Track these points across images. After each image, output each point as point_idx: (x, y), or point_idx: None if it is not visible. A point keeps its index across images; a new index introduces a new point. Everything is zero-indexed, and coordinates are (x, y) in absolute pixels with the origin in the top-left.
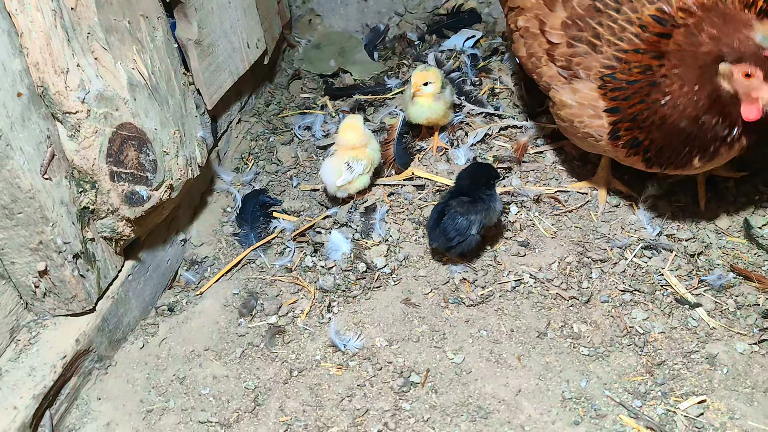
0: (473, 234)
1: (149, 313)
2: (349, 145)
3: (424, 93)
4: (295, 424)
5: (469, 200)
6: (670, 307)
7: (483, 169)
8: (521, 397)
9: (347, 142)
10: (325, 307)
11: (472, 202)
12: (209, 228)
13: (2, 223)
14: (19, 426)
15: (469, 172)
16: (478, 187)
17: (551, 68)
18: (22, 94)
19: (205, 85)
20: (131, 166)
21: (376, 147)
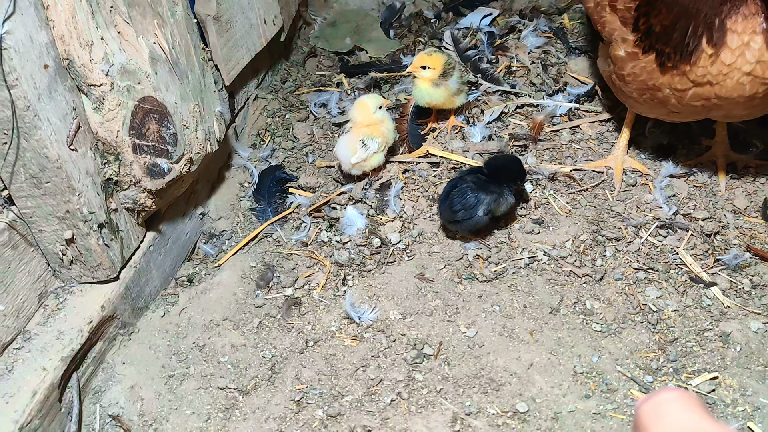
0: (480, 215)
1: (169, 284)
2: (355, 122)
3: (422, 76)
4: (311, 392)
5: (483, 179)
6: (684, 285)
7: (513, 165)
8: (533, 371)
9: (354, 119)
10: (341, 280)
11: (486, 183)
12: (227, 202)
13: (31, 192)
14: (48, 386)
15: (500, 162)
16: (502, 179)
17: (614, 19)
18: (49, 66)
19: (223, 61)
20: (153, 139)
21: (390, 126)
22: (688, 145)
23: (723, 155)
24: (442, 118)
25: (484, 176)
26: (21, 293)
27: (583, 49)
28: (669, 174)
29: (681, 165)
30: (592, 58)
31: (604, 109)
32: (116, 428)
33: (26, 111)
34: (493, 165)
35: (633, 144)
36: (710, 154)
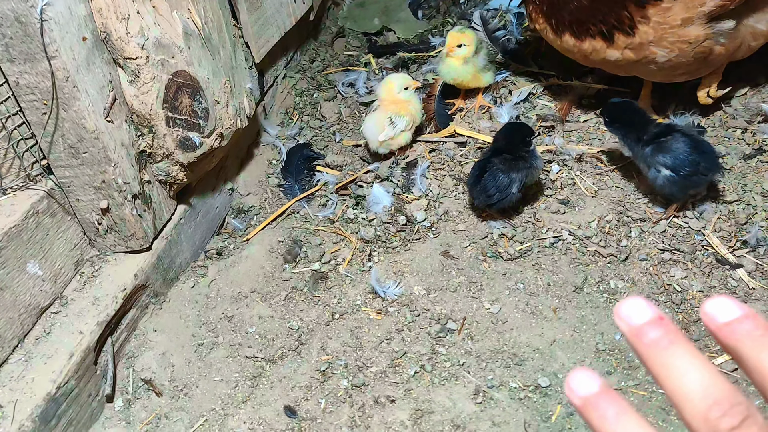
0: (513, 192)
1: (199, 257)
2: (381, 100)
3: (457, 55)
4: (336, 363)
5: (511, 158)
6: (710, 267)
7: (517, 128)
8: (555, 347)
9: (379, 97)
10: (366, 256)
11: (514, 160)
12: (255, 179)
13: (69, 162)
14: (85, 349)
15: (504, 132)
16: (516, 146)
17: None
18: (87, 38)
19: (254, 39)
20: (185, 112)
21: (418, 106)
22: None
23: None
24: (469, 98)
25: (505, 154)
26: (59, 260)
27: None
28: None
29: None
30: None
31: (634, 90)
32: (148, 392)
33: (65, 82)
34: (503, 135)
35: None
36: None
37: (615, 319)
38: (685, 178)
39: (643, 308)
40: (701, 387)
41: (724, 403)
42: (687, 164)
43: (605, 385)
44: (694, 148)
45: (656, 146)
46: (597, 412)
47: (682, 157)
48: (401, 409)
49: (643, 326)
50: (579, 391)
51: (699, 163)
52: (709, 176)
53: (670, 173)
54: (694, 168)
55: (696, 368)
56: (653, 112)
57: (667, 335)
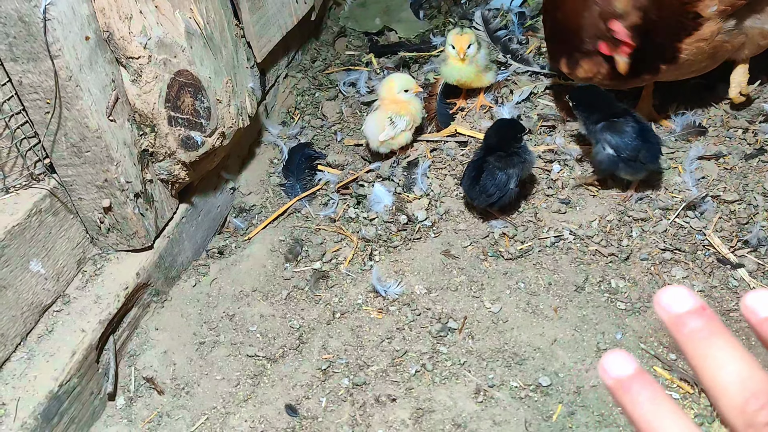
0: (512, 188)
1: (200, 255)
2: (382, 99)
3: (470, 55)
4: (337, 361)
5: (505, 155)
6: (711, 266)
7: (508, 124)
8: (556, 347)
9: (380, 96)
10: (367, 255)
11: (509, 157)
12: (257, 178)
13: (72, 161)
14: (87, 347)
15: (495, 129)
16: (508, 142)
17: None
18: (90, 38)
19: (255, 38)
20: (187, 112)
21: (419, 107)
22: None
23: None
24: (470, 98)
25: (498, 151)
26: (61, 258)
27: None
28: (699, 156)
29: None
30: None
31: (634, 90)
32: (150, 390)
33: (68, 81)
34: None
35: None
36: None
37: (655, 307)
38: (625, 162)
39: (685, 297)
40: (739, 379)
41: (761, 397)
42: (629, 148)
43: (640, 368)
44: (640, 136)
45: (607, 124)
46: (630, 396)
47: (626, 141)
48: (402, 408)
49: (684, 315)
50: (612, 371)
51: (640, 151)
52: (648, 166)
53: (612, 152)
54: (635, 153)
55: (735, 360)
56: (654, 112)
57: (708, 326)
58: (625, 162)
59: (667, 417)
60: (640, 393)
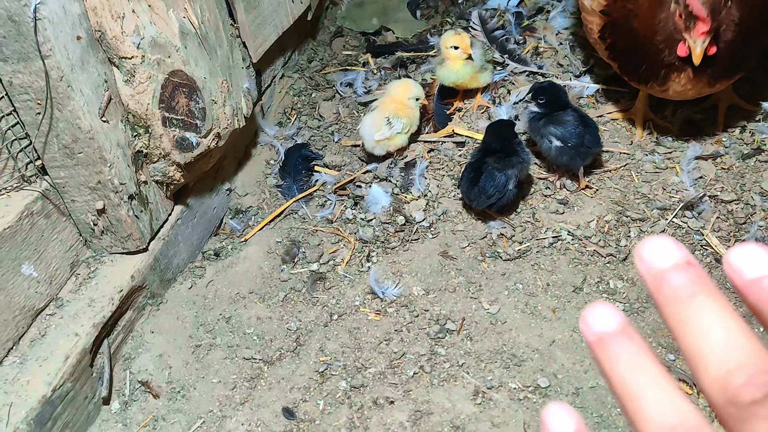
0: (511, 189)
1: (196, 257)
2: (389, 95)
3: (460, 56)
4: (335, 363)
5: (505, 156)
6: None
7: (505, 125)
8: (555, 348)
9: (389, 92)
10: (365, 256)
11: (508, 157)
12: (253, 179)
13: (64, 162)
14: (80, 351)
15: (493, 130)
16: (507, 143)
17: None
18: (82, 37)
19: (251, 38)
20: (182, 112)
21: (417, 114)
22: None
23: (725, 99)
24: (468, 98)
25: (497, 151)
26: (54, 261)
27: None
28: (696, 156)
29: (707, 144)
30: None
31: (632, 90)
32: (145, 394)
33: (60, 81)
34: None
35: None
36: (714, 98)
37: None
38: (573, 149)
39: (671, 249)
40: (725, 348)
41: (748, 369)
42: (575, 136)
43: (627, 324)
44: (581, 122)
45: (548, 119)
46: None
47: (570, 129)
48: (400, 410)
49: (666, 271)
50: (594, 326)
51: (584, 136)
52: (593, 149)
53: (559, 144)
54: (580, 140)
55: (722, 325)
56: (649, 111)
57: (693, 283)
58: (573, 149)
59: (647, 380)
60: (621, 351)
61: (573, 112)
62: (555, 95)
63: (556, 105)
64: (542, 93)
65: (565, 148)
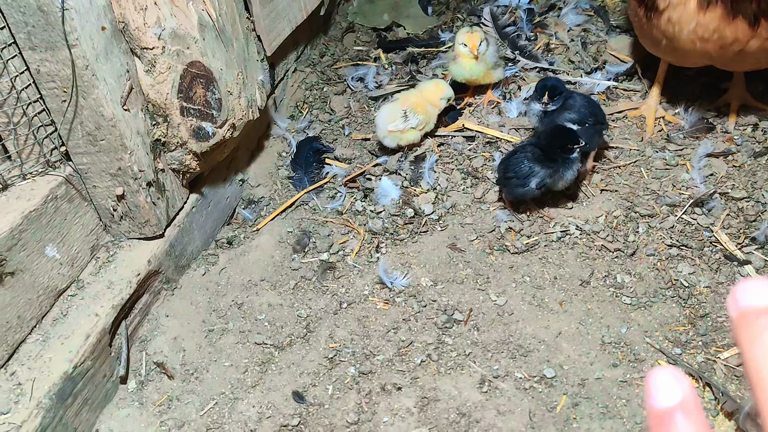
0: (532, 187)
1: (210, 245)
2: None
3: (481, 53)
4: (344, 350)
5: (541, 153)
6: (718, 263)
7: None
8: (561, 339)
9: (422, 88)
10: (374, 247)
11: (543, 156)
12: (265, 170)
13: (87, 149)
14: (100, 330)
15: (550, 131)
16: (554, 147)
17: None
18: (106, 28)
19: (266, 32)
20: (199, 102)
21: (435, 117)
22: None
23: (737, 98)
24: (478, 93)
25: (542, 149)
26: (75, 244)
27: (624, 28)
28: (707, 153)
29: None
30: (633, 36)
31: (644, 87)
32: (160, 375)
33: (85, 70)
34: (546, 134)
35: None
36: (726, 97)
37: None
38: (592, 128)
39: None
40: None
41: None
42: (588, 116)
43: None
44: (588, 103)
45: (560, 107)
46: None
47: (583, 111)
48: (407, 397)
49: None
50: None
51: (596, 114)
52: (604, 126)
53: (577, 127)
54: (594, 119)
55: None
56: (661, 108)
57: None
58: (591, 128)
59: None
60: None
61: (577, 95)
62: (562, 89)
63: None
64: (554, 91)
65: (583, 129)
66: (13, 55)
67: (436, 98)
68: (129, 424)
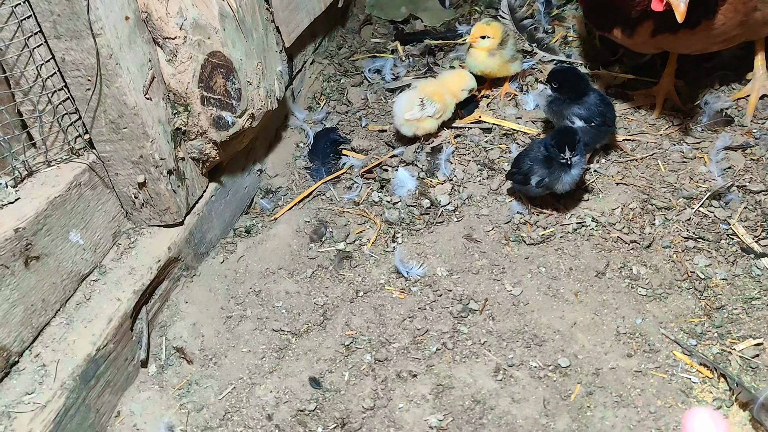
0: (532, 185)
1: (228, 234)
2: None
3: (480, 46)
4: (360, 338)
5: (545, 154)
6: (734, 255)
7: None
8: (576, 329)
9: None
10: (390, 237)
11: (545, 157)
12: (283, 161)
13: (110, 137)
14: (122, 315)
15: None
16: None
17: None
18: (129, 18)
19: (284, 23)
20: (219, 92)
21: (453, 107)
22: None
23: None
24: (495, 86)
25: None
26: (98, 231)
27: None
28: (725, 146)
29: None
30: None
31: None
32: (180, 359)
33: (109, 59)
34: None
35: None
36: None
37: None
38: (596, 128)
39: None
40: None
41: None
42: (597, 115)
43: None
44: (601, 101)
45: (570, 100)
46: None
47: (593, 109)
48: (423, 384)
49: None
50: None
51: (606, 114)
52: (612, 128)
53: (583, 124)
54: (603, 118)
55: None
56: (677, 99)
57: None
58: (596, 128)
59: None
60: None
61: (591, 92)
62: (571, 78)
63: (574, 89)
64: (554, 77)
65: (587, 128)
66: (39, 44)
67: (458, 88)
68: (149, 407)
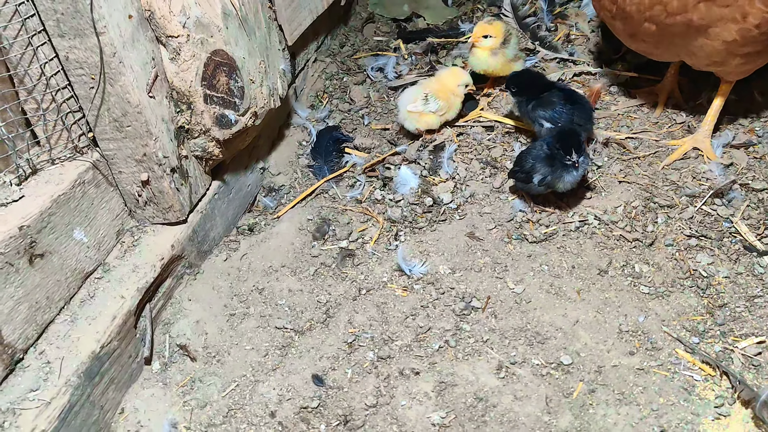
0: (534, 183)
1: (231, 232)
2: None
3: (483, 45)
4: (362, 335)
5: (548, 153)
6: (737, 253)
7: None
8: (578, 327)
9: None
10: (393, 235)
11: (548, 156)
12: (286, 159)
13: (113, 135)
14: (126, 312)
15: (559, 131)
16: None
17: None
18: (133, 16)
19: (287, 22)
20: (222, 90)
21: (457, 104)
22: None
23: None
24: (498, 84)
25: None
26: (102, 229)
27: None
28: (728, 144)
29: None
30: None
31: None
32: (183, 357)
33: (112, 57)
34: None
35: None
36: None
37: None
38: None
39: None
40: None
41: None
42: (563, 115)
43: None
44: (567, 100)
45: (536, 102)
46: None
47: (558, 110)
48: (425, 381)
49: None
50: None
51: (574, 113)
52: (585, 126)
53: (550, 125)
54: (570, 117)
55: None
56: (680, 97)
57: None
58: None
59: None
60: None
61: (559, 92)
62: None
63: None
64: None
65: (555, 128)
66: (42, 42)
67: (454, 85)
68: (153, 404)
